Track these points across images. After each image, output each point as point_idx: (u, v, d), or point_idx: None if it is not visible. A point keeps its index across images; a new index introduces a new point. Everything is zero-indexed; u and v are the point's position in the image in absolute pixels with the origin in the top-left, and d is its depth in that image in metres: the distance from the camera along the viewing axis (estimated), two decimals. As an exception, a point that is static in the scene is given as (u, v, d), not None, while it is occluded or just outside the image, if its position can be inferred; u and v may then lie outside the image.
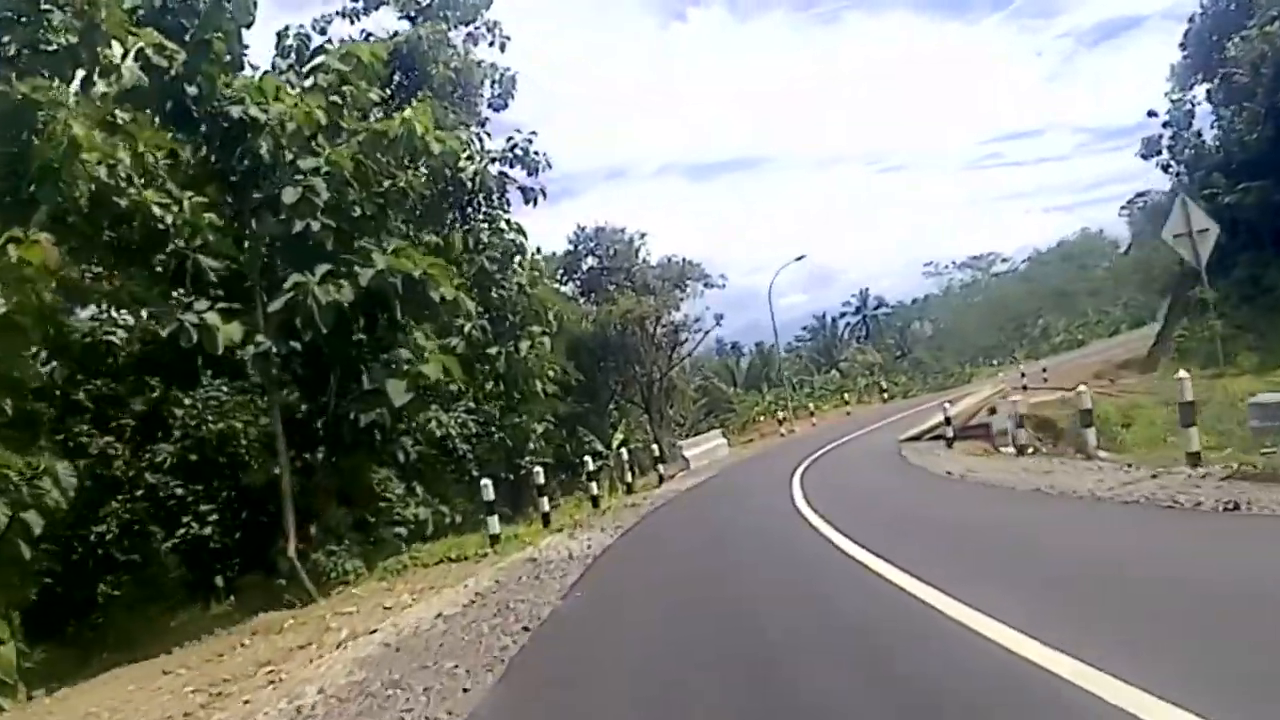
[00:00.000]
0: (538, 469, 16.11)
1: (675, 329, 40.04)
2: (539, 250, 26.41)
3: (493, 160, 20.08)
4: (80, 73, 10.13)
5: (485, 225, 20.17)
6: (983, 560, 6.19)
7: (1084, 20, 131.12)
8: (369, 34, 21.14)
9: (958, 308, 59.57)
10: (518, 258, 21.07)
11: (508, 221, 20.61)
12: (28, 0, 9.62)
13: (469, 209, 20.16)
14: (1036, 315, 52.55)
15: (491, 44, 22.66)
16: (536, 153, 20.39)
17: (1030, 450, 14.38)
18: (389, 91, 18.19)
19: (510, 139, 20.67)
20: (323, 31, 20.41)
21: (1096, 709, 2.83)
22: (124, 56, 10.25)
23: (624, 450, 27.16)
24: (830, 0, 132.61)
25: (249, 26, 12.40)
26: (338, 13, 21.33)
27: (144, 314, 11.79)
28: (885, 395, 37.89)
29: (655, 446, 27.27)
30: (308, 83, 13.31)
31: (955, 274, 60.97)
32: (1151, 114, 29.07)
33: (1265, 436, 9.86)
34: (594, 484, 18.32)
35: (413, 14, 22.19)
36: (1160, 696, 2.77)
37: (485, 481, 13.73)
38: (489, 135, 21.43)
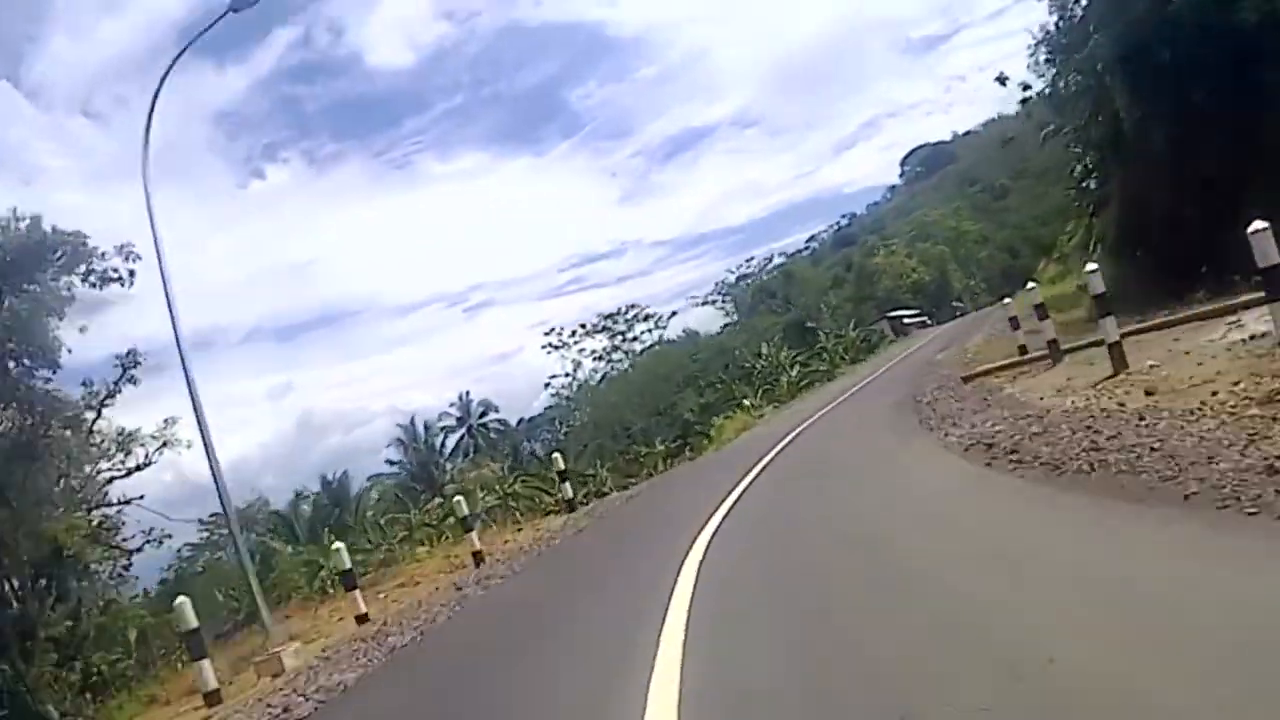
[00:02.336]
0: None
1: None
2: None
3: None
4: None
5: None
6: None
7: (653, 138, 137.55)
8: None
9: (602, 389, 43.87)
10: None
11: None
12: None
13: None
14: (700, 374, 38.88)
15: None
16: None
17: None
18: None
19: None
20: None
21: None
22: None
23: None
24: (400, 146, 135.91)
25: None
26: None
27: None
28: (571, 499, 16.54)
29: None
30: None
31: (589, 342, 45.47)
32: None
33: None
34: None
35: None
36: None
37: None
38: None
